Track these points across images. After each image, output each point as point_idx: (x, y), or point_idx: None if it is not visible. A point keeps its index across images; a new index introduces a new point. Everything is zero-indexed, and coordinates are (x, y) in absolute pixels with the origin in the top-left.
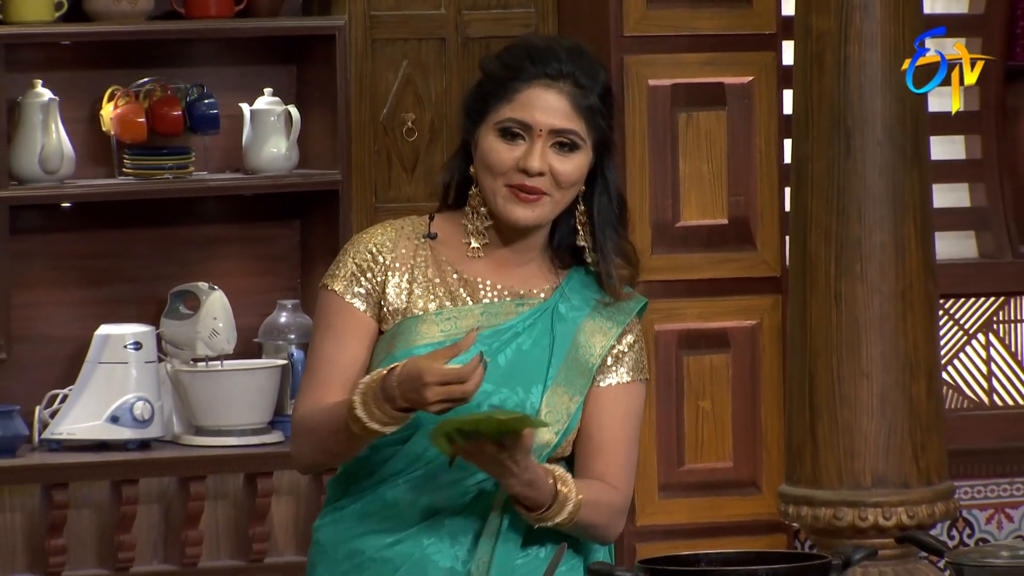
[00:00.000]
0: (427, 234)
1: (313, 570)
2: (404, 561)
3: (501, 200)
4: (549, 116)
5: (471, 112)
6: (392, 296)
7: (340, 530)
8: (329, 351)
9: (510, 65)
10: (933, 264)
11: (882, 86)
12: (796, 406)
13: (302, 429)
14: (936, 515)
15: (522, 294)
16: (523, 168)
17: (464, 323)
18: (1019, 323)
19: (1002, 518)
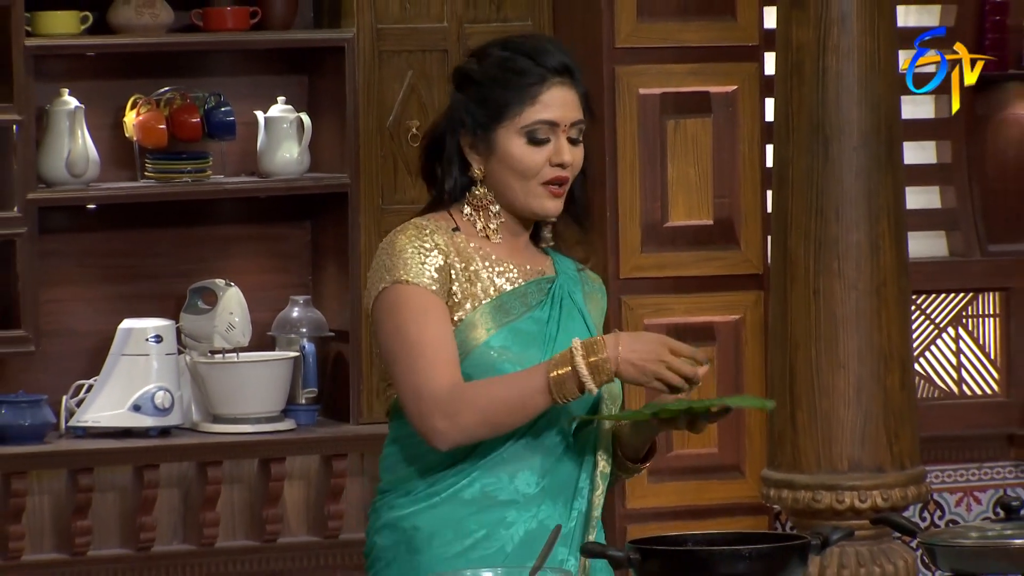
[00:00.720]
0: (454, 228)
1: (415, 557)
2: (522, 530)
3: (535, 198)
4: (569, 111)
5: (479, 118)
6: (456, 287)
7: (445, 514)
8: (437, 334)
9: (525, 71)
10: (906, 262)
11: (858, 96)
12: (777, 395)
13: (466, 403)
14: (909, 498)
15: (541, 271)
16: (558, 163)
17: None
18: (987, 318)
19: (971, 501)
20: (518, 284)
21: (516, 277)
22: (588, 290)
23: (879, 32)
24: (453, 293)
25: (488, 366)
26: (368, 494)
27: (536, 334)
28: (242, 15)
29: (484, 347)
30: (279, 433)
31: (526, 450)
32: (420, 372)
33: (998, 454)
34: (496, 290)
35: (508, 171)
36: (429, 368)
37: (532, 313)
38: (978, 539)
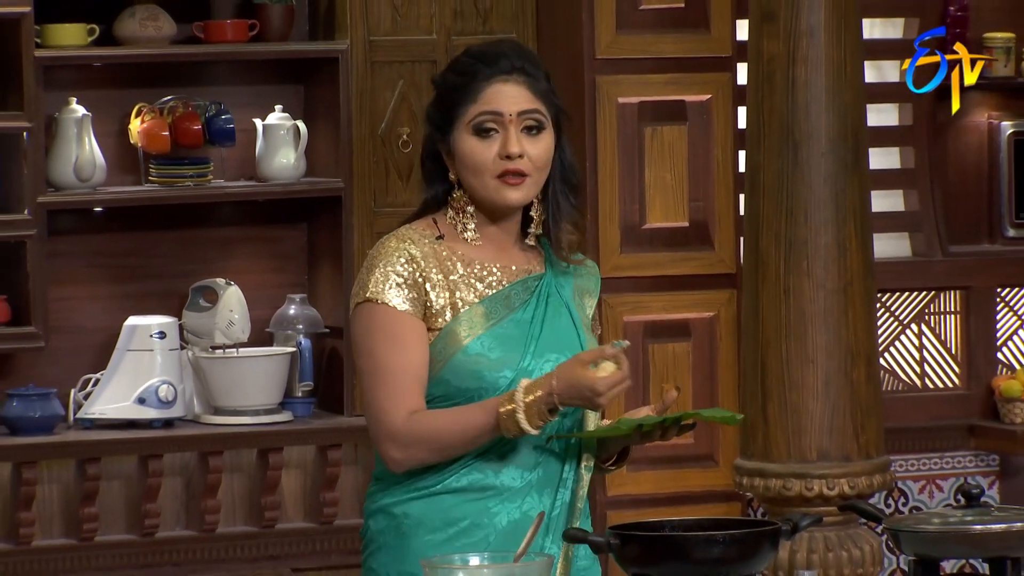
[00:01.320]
0: (438, 236)
1: (404, 542)
2: (505, 520)
3: (492, 191)
4: (514, 101)
5: (439, 124)
6: (434, 296)
7: (434, 503)
8: (400, 361)
9: (466, 72)
10: (871, 262)
11: (826, 104)
12: (749, 389)
13: (416, 438)
14: (874, 486)
15: (528, 271)
16: (505, 155)
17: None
18: (948, 315)
19: (933, 488)
20: (501, 287)
21: (500, 280)
22: (579, 281)
23: (845, 44)
24: (430, 305)
25: (466, 372)
26: (361, 482)
27: (517, 336)
28: (241, 27)
29: (462, 354)
30: (277, 424)
31: (513, 448)
32: (381, 400)
33: (959, 444)
34: (477, 295)
35: (465, 169)
36: (389, 398)
37: (514, 315)
38: (940, 525)
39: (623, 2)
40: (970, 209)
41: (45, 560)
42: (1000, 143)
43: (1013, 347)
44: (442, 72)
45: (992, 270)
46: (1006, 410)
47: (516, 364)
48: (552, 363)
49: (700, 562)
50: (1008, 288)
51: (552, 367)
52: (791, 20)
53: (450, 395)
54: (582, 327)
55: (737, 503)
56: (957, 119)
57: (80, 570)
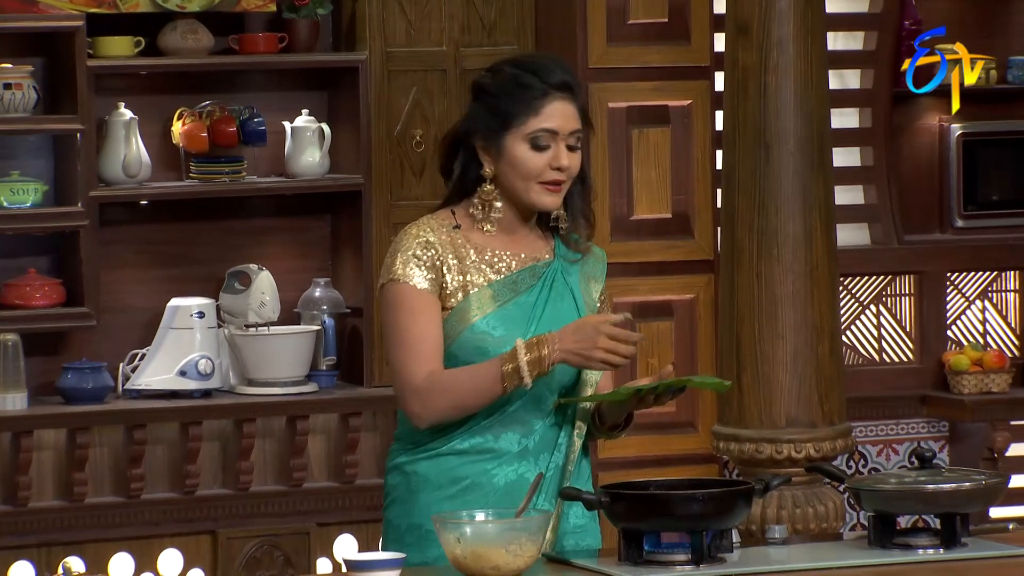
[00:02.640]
0: (455, 225)
1: (413, 497)
2: (503, 481)
3: (534, 195)
4: (567, 122)
5: (489, 124)
6: (449, 279)
7: (439, 463)
8: (420, 330)
9: (526, 84)
10: (835, 249)
11: (794, 108)
12: (725, 363)
13: (437, 391)
14: (837, 449)
15: (536, 258)
16: (556, 167)
17: (508, 292)
18: (903, 297)
19: (890, 452)
20: (510, 272)
21: (509, 265)
22: (587, 268)
23: (812, 55)
24: (445, 286)
25: (472, 347)
26: (379, 447)
27: (520, 317)
28: (272, 40)
29: (469, 331)
30: (303, 395)
31: (511, 417)
32: (403, 363)
33: (913, 412)
34: (486, 280)
35: (513, 172)
36: (410, 360)
37: (519, 298)
38: (896, 485)
39: (613, 17)
40: (923, 202)
41: (96, 515)
42: (950, 143)
43: (961, 326)
44: (493, 77)
45: (943, 257)
46: (955, 382)
47: (516, 340)
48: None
49: (682, 518)
50: (957, 273)
51: None
52: (763, 33)
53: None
54: (585, 309)
55: (714, 465)
56: (911, 122)
57: (127, 524)
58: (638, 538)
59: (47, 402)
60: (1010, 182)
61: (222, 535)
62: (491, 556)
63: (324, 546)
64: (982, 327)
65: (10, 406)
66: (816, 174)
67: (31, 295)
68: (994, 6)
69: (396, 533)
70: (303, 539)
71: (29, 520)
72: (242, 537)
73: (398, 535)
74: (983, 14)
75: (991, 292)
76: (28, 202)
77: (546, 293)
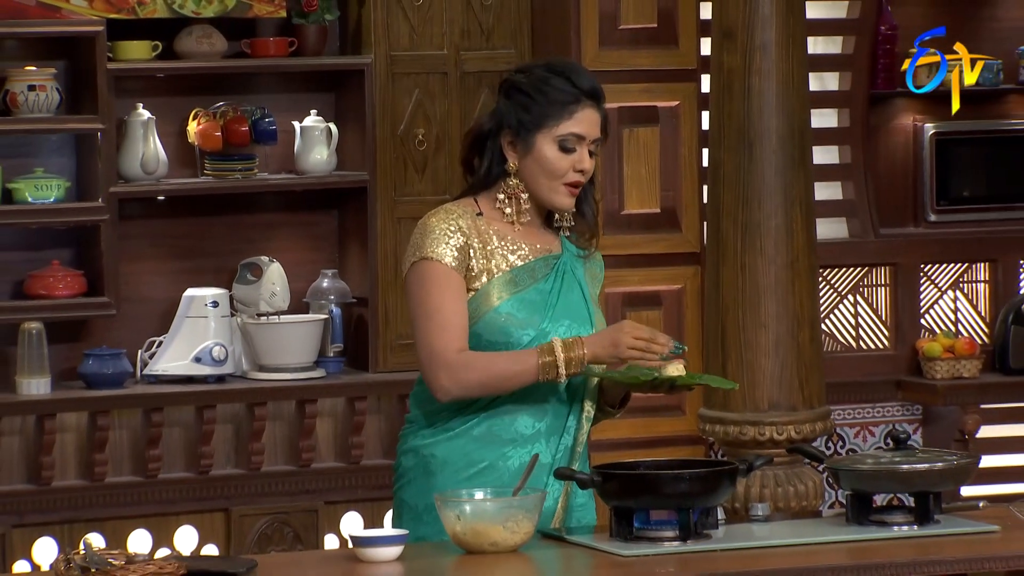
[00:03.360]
0: (478, 212)
1: (430, 479)
2: (517, 463)
3: (556, 195)
4: (594, 129)
5: (520, 121)
6: (474, 262)
7: (457, 446)
8: (451, 305)
9: (564, 90)
10: (814, 242)
11: (776, 108)
12: (711, 349)
13: (470, 368)
14: (817, 431)
15: (549, 250)
16: (580, 170)
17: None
18: (879, 287)
19: (867, 433)
20: (528, 260)
21: (527, 254)
22: (589, 266)
23: (793, 58)
24: (470, 268)
25: (497, 328)
26: (384, 429)
27: (539, 303)
28: (282, 44)
29: (494, 313)
30: (312, 380)
31: (526, 401)
32: (434, 334)
33: (888, 396)
34: (508, 265)
35: (539, 169)
36: (442, 332)
37: (537, 285)
38: (873, 464)
39: (605, 22)
40: (898, 198)
41: (115, 494)
42: (923, 142)
43: (934, 314)
44: (526, 78)
45: (916, 249)
46: (928, 367)
47: (537, 325)
48: (565, 327)
49: (670, 496)
50: (930, 264)
51: (565, 331)
52: (747, 38)
53: (480, 347)
54: (591, 301)
55: (701, 446)
56: (887, 122)
57: (145, 502)
58: (628, 515)
59: (69, 387)
60: (981, 179)
61: (235, 512)
62: (490, 532)
63: (332, 523)
64: (954, 316)
65: (34, 390)
66: (797, 171)
67: (54, 286)
68: (965, 12)
69: (413, 513)
70: (311, 516)
71: (52, 499)
72: (254, 514)
73: (415, 515)
74: (955, 20)
75: (962, 283)
76: (51, 197)
77: (559, 283)
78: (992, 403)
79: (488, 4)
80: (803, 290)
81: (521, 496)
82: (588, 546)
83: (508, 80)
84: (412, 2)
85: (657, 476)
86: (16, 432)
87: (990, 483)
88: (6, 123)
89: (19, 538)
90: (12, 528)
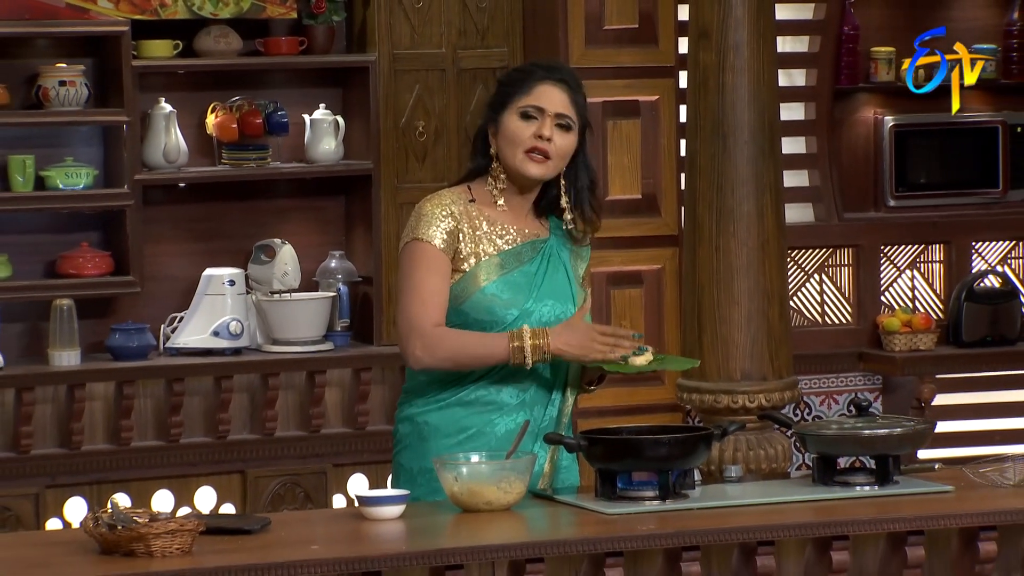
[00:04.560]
0: (470, 199)
1: (424, 444)
2: (503, 429)
3: (519, 162)
4: (555, 104)
5: (495, 107)
6: (462, 245)
7: (448, 414)
8: (434, 283)
9: (527, 71)
10: (783, 225)
11: (748, 103)
12: (688, 325)
13: (443, 341)
14: (785, 400)
15: (536, 235)
16: (538, 135)
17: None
18: (842, 267)
19: (831, 401)
20: (515, 245)
21: (514, 239)
22: (576, 249)
23: (763, 56)
24: (459, 251)
25: (483, 308)
26: (387, 397)
27: (524, 284)
28: (293, 43)
29: (481, 293)
30: (321, 352)
31: (512, 374)
32: (415, 307)
33: (851, 367)
34: (496, 249)
35: (504, 140)
36: (422, 306)
37: (523, 267)
38: (837, 430)
39: (591, 23)
40: (860, 185)
41: (140, 457)
42: (883, 133)
43: (893, 292)
44: (507, 72)
45: (877, 232)
46: (887, 341)
47: (521, 305)
48: (549, 307)
49: (650, 459)
50: (889, 246)
51: (549, 310)
52: (721, 37)
53: (467, 325)
54: (575, 282)
55: (679, 413)
56: (850, 115)
57: (167, 465)
58: (612, 477)
59: (98, 359)
60: (936, 167)
61: (250, 474)
62: (484, 493)
63: (339, 484)
64: (911, 293)
65: (65, 362)
66: (767, 160)
67: (83, 265)
68: (921, 14)
69: (408, 475)
70: (321, 478)
71: (82, 462)
72: (268, 476)
73: (410, 477)
74: (912, 20)
75: (919, 263)
76: (81, 184)
77: (544, 265)
78: (946, 373)
79: (483, 6)
80: (772, 270)
81: (513, 459)
82: (575, 505)
83: (497, 78)
84: (413, 4)
85: (639, 441)
86: (49, 400)
87: (945, 447)
88: (39, 116)
89: (52, 498)
90: (45, 488)
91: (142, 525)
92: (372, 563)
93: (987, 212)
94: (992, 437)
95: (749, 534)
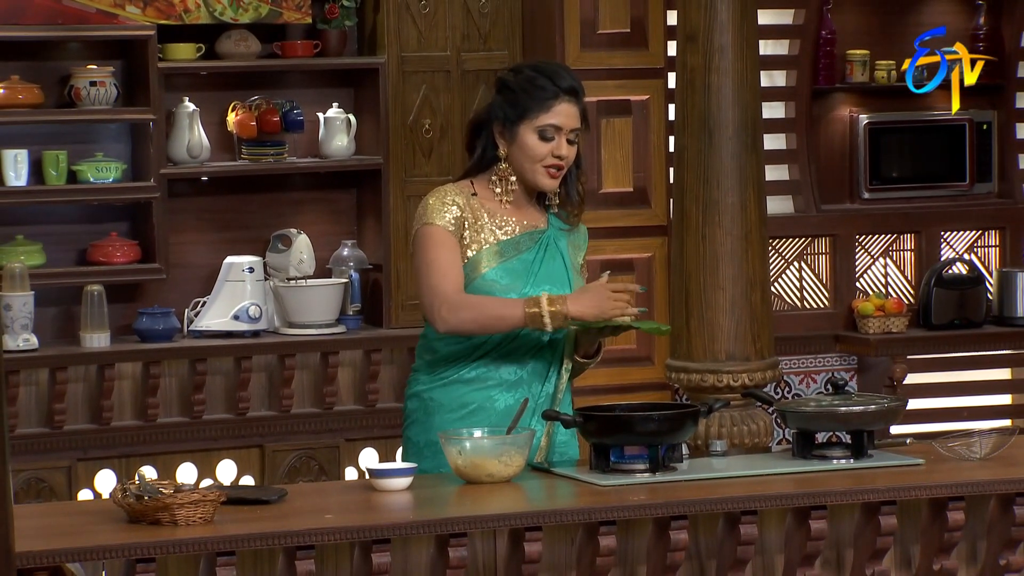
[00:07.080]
0: (473, 193)
1: (429, 418)
2: (503, 405)
3: (536, 176)
4: (570, 121)
5: (507, 114)
6: (466, 234)
7: (451, 390)
8: (450, 259)
9: (542, 87)
10: (765, 216)
11: (732, 101)
12: (676, 309)
13: (466, 305)
14: (767, 379)
15: (535, 226)
16: (557, 155)
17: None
18: (820, 255)
19: (809, 380)
20: (514, 235)
21: (513, 230)
22: (573, 238)
23: (747, 58)
24: (463, 238)
25: (484, 292)
26: (396, 377)
27: (522, 271)
28: (308, 46)
29: (482, 279)
30: (334, 335)
31: (510, 351)
32: (436, 278)
33: (828, 348)
34: (496, 239)
35: (523, 155)
36: (443, 277)
37: (521, 256)
38: (815, 407)
39: (585, 28)
40: (836, 178)
41: (166, 432)
42: (858, 131)
43: (867, 278)
44: (514, 76)
45: (852, 223)
46: (862, 324)
47: (519, 290)
48: (546, 292)
49: (641, 434)
50: (864, 235)
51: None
52: (707, 41)
53: None
54: (571, 269)
55: (667, 392)
56: (827, 113)
57: (191, 439)
58: (606, 451)
59: (126, 340)
60: (907, 162)
61: (268, 448)
62: (486, 465)
63: (351, 457)
64: (884, 279)
65: (96, 344)
66: (750, 155)
67: (113, 254)
68: (893, 18)
69: (416, 448)
70: (334, 452)
71: (111, 436)
72: (284, 450)
73: (417, 449)
74: (884, 24)
75: (892, 251)
76: (110, 178)
77: (542, 254)
78: (917, 354)
79: (485, 12)
80: (755, 257)
81: (514, 434)
82: (571, 477)
83: (500, 78)
84: (420, 10)
85: (630, 417)
86: (80, 379)
87: (916, 423)
88: (71, 114)
89: (83, 470)
90: (77, 461)
91: (167, 496)
92: (382, 531)
93: (955, 204)
94: (960, 413)
95: (733, 504)
